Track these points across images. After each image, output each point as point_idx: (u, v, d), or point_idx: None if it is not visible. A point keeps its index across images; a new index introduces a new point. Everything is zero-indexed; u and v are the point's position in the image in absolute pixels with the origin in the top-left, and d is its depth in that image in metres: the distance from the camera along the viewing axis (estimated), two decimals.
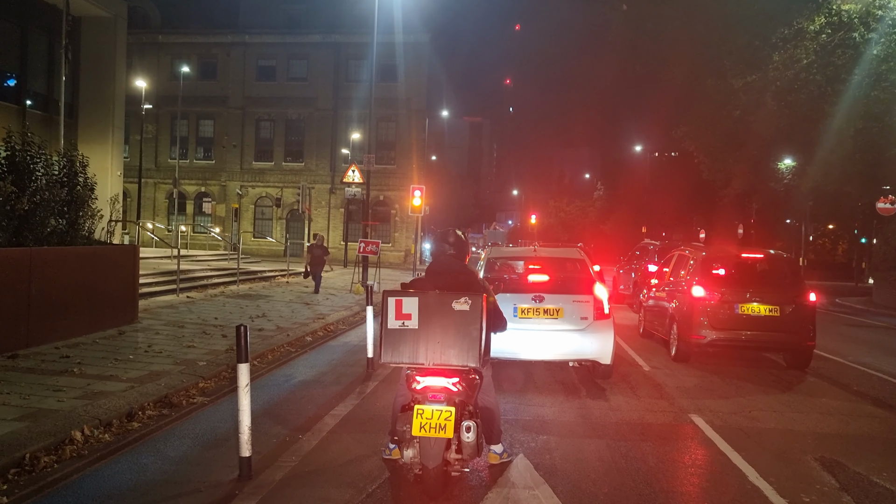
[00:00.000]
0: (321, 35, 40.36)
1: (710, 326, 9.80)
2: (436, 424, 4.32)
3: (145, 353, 8.61)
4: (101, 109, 21.59)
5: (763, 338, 9.84)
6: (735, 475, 5.23)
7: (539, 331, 8.12)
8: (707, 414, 7.04)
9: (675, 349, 10.26)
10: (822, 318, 19.37)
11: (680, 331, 10.17)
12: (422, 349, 4.47)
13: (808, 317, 9.88)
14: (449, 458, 4.51)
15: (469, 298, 4.47)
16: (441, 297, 4.51)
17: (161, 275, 16.34)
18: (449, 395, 4.48)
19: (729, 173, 29.80)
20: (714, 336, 9.81)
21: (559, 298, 8.22)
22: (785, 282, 10.34)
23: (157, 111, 39.71)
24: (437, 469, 4.40)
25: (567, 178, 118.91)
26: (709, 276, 10.27)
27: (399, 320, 4.50)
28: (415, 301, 4.50)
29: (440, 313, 4.47)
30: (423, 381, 4.52)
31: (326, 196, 40.81)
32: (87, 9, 20.40)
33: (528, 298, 8.18)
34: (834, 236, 59.75)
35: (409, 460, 4.52)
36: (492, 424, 5.02)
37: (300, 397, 7.27)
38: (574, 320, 8.15)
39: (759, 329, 9.77)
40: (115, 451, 5.28)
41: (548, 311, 8.15)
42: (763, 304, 9.78)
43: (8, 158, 8.92)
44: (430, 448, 4.37)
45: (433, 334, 4.46)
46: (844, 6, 19.67)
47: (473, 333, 4.43)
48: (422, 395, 4.50)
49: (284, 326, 11.61)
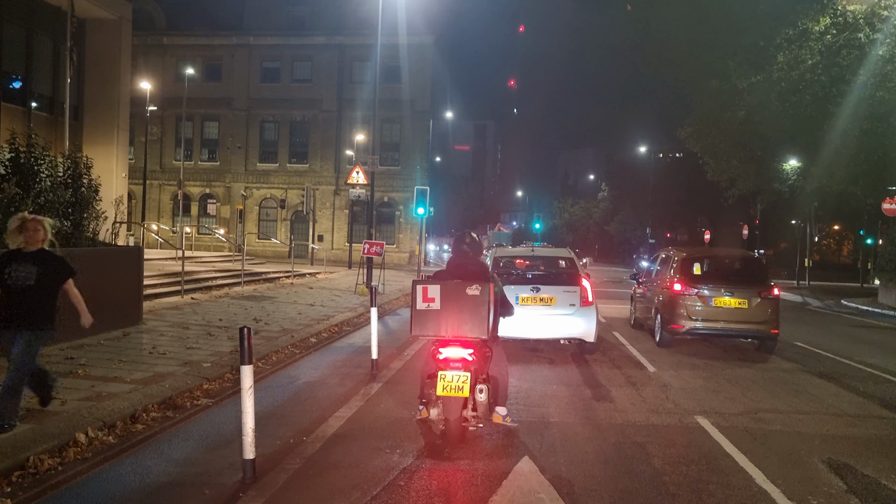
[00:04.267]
0: (325, 37, 40.42)
1: (687, 317, 11.13)
2: (455, 386, 5.48)
3: (150, 354, 8.61)
4: (105, 111, 21.67)
5: (734, 327, 11.10)
6: (742, 477, 5.20)
7: (536, 315, 9.86)
8: (713, 416, 7.00)
9: (659, 337, 11.76)
10: (827, 318, 19.38)
11: (662, 321, 11.59)
12: (443, 324, 5.60)
13: (772, 308, 11.12)
14: (466, 415, 5.65)
15: (479, 286, 5.58)
16: (458, 285, 5.64)
17: (166, 276, 16.35)
18: (465, 363, 5.60)
19: (733, 174, 29.74)
20: (691, 325, 11.13)
21: (552, 289, 9.99)
22: (752, 278, 11.71)
23: (161, 113, 39.80)
24: (456, 422, 5.54)
25: (571, 180, 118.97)
26: (687, 273, 11.68)
27: (425, 303, 5.63)
28: (437, 288, 5.63)
29: (457, 297, 5.59)
30: (445, 352, 5.65)
31: (331, 197, 40.84)
32: (91, 11, 20.48)
33: (528, 289, 9.93)
34: (839, 237, 59.56)
35: (435, 417, 5.66)
36: (498, 390, 6.01)
37: (304, 399, 7.25)
38: (564, 306, 9.94)
39: (730, 319, 11.05)
40: (118, 454, 5.27)
41: (543, 299, 9.94)
42: (733, 298, 11.09)
43: (12, 160, 8.93)
44: (451, 405, 5.51)
45: (452, 313, 5.59)
46: (849, 7, 19.61)
47: (483, 313, 5.56)
48: (444, 364, 5.62)
49: (289, 328, 11.61)
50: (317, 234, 39.36)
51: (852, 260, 54.86)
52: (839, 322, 18.70)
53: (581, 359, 10.21)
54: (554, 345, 11.33)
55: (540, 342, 10.93)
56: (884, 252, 26.32)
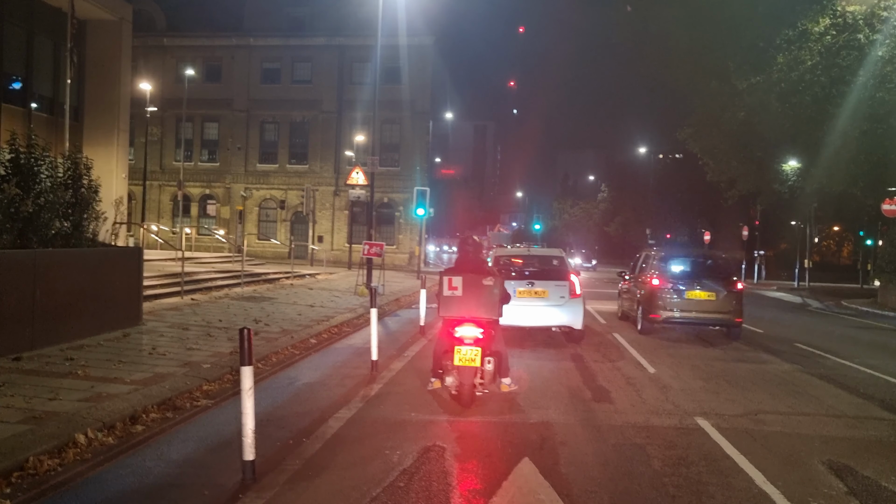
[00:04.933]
0: (325, 38, 40.44)
1: (664, 308, 12.85)
2: (469, 358, 6.84)
3: (149, 355, 8.60)
4: (106, 112, 21.68)
5: (704, 316, 12.88)
6: (742, 479, 5.19)
7: (531, 306, 11.32)
8: (713, 417, 6.99)
9: (640, 325, 13.41)
10: (827, 320, 19.37)
11: (643, 311, 13.24)
12: (463, 307, 7.06)
13: (737, 300, 12.87)
14: (476, 382, 6.97)
15: (493, 279, 7.16)
16: (475, 277, 7.13)
17: (165, 277, 16.35)
18: (477, 340, 6.92)
19: (733, 175, 29.74)
20: (668, 315, 12.86)
21: (545, 283, 11.47)
22: (720, 275, 13.52)
23: (161, 114, 39.81)
24: (469, 388, 6.89)
25: (571, 181, 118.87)
26: (664, 270, 13.54)
27: (450, 290, 7.11)
28: (460, 279, 7.11)
29: (475, 286, 7.09)
30: (460, 331, 6.95)
31: (331, 198, 40.85)
32: (92, 12, 20.49)
33: (524, 283, 11.39)
34: (839, 238, 59.59)
35: (450, 384, 7.04)
36: (501, 363, 7.26)
37: (304, 400, 7.25)
38: (555, 298, 11.42)
39: (700, 310, 12.82)
40: (118, 455, 5.26)
41: (537, 292, 11.42)
42: (703, 291, 12.87)
43: (13, 161, 8.92)
44: (465, 373, 6.87)
45: (471, 299, 7.07)
46: (849, 8, 19.62)
47: (494, 299, 7.15)
48: (459, 340, 6.93)
49: (288, 329, 11.60)
50: (317, 234, 39.36)
51: (852, 261, 54.89)
52: (839, 323, 18.70)
53: (581, 359, 10.23)
54: (554, 346, 11.46)
55: (534, 330, 12.30)
56: (883, 253, 26.32)
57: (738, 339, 12.82)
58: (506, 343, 7.51)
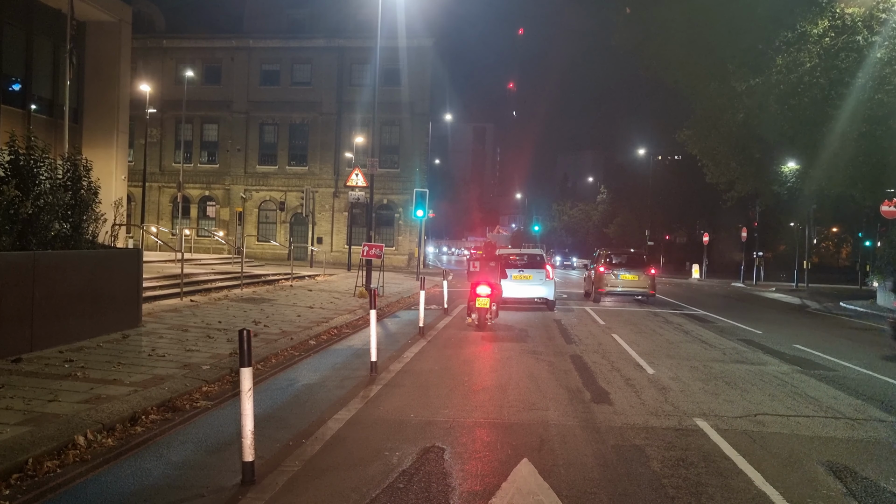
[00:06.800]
0: (325, 39, 40.48)
1: (606, 284, 21.28)
2: (484, 303, 13.23)
3: (149, 356, 8.60)
4: (105, 114, 21.69)
5: (630, 289, 21.49)
6: (741, 480, 5.20)
7: (521, 284, 18.15)
8: (712, 418, 7.00)
9: (593, 298, 21.63)
10: (826, 321, 19.40)
11: (595, 288, 21.55)
12: (481, 277, 13.71)
13: (651, 280, 21.49)
14: (487, 317, 13.46)
15: (496, 263, 14.97)
16: (486, 261, 14.77)
17: (165, 278, 16.35)
18: (488, 294, 13.23)
19: (732, 176, 29.72)
20: (608, 289, 21.32)
21: (530, 270, 18.35)
22: (641, 263, 22.27)
23: (161, 115, 39.83)
24: (483, 319, 13.40)
25: (570, 182, 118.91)
26: (607, 261, 22.35)
27: (473, 269, 14.29)
28: (479, 262, 14.57)
29: (487, 266, 14.34)
30: (479, 289, 13.21)
31: (330, 200, 40.87)
32: (91, 13, 20.51)
33: (517, 270, 18.13)
34: (838, 239, 59.63)
35: (473, 320, 13.63)
36: (498, 309, 14.14)
37: (304, 401, 7.25)
38: (537, 279, 18.23)
39: (627, 285, 21.41)
40: (117, 456, 5.27)
41: (525, 276, 18.21)
42: (630, 274, 21.46)
43: (12, 162, 8.93)
44: (482, 311, 13.34)
45: (485, 272, 14.01)
46: (848, 9, 19.61)
47: (496, 273, 14.43)
48: (479, 294, 13.19)
49: (288, 330, 11.61)
50: (316, 236, 39.35)
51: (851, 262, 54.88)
52: (838, 324, 18.71)
53: (581, 360, 10.24)
54: (554, 347, 11.50)
55: (522, 301, 18.76)
56: (882, 254, 26.34)
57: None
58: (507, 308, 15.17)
